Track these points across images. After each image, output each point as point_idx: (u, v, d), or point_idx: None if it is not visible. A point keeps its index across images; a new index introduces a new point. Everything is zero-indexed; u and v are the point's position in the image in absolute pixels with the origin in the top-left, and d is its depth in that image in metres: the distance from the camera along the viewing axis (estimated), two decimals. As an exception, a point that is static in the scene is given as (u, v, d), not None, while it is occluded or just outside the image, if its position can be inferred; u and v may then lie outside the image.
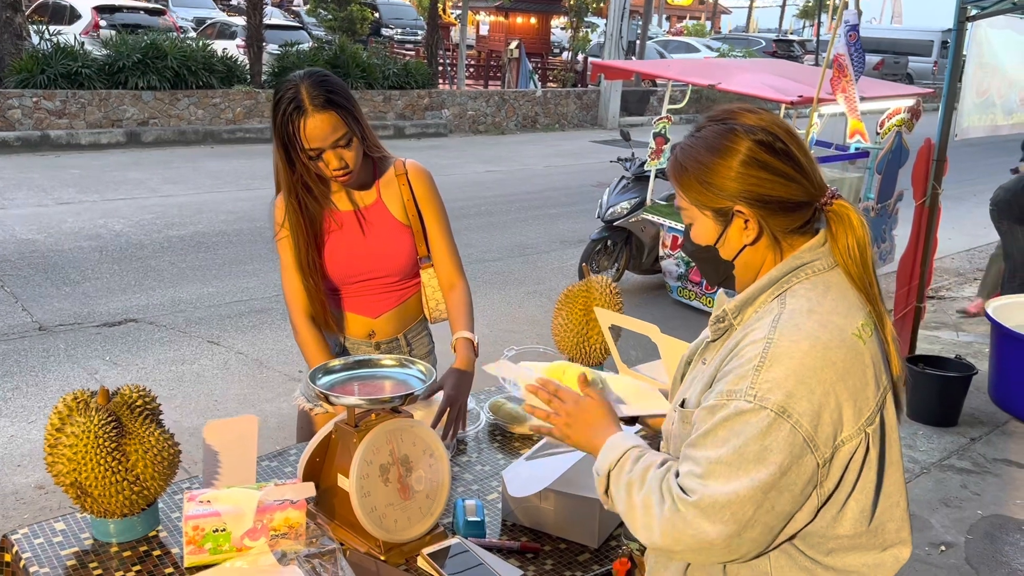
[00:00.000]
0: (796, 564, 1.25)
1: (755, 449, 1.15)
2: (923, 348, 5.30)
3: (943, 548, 3.38)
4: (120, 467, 1.58)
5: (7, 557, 1.66)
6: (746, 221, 1.27)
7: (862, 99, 5.33)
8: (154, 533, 1.69)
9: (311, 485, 1.65)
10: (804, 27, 40.40)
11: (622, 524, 1.68)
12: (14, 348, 4.93)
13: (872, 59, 23.77)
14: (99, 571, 1.57)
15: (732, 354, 1.25)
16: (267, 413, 4.27)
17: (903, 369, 1.31)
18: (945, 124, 4.42)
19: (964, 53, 4.44)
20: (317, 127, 1.91)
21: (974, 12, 4.23)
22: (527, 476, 1.78)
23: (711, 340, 1.36)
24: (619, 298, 2.43)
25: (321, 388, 1.64)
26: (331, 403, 1.63)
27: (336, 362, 1.75)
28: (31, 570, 1.56)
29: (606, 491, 1.32)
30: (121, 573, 1.56)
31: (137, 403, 1.65)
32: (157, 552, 1.64)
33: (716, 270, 1.34)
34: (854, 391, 1.19)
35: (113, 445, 1.57)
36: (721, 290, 1.43)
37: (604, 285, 2.43)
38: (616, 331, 2.42)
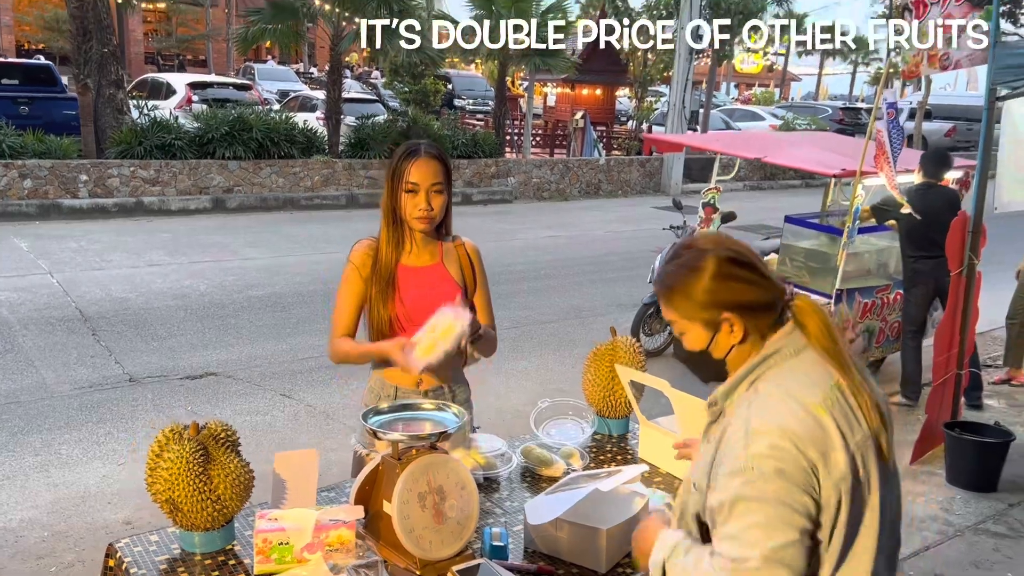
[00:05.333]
0: None
1: (773, 510, 1.41)
2: (973, 415, 5.33)
3: (970, 608, 3.46)
4: (205, 487, 1.92)
5: (110, 563, 2.00)
6: (732, 325, 1.55)
7: (906, 171, 5.52)
8: (230, 547, 2.02)
9: (360, 508, 1.96)
10: (876, 94, 40.13)
11: (630, 553, 1.94)
12: (107, 397, 5.42)
13: (944, 126, 23.61)
14: (185, 575, 1.89)
15: (722, 442, 1.52)
16: (331, 461, 4.58)
17: (879, 419, 1.51)
18: (980, 197, 4.57)
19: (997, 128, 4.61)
20: (424, 167, 2.42)
21: (1003, 92, 4.43)
22: (545, 507, 2.06)
23: (710, 422, 1.61)
24: (642, 357, 2.71)
25: (371, 426, 1.96)
26: (378, 439, 1.95)
27: (384, 405, 2.08)
28: (131, 571, 1.90)
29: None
30: (202, 577, 1.89)
31: (221, 436, 2.00)
32: (232, 562, 1.96)
33: (708, 369, 1.62)
34: (823, 452, 1.44)
35: (200, 469, 1.91)
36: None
37: (628, 345, 2.71)
38: (640, 386, 2.69)
